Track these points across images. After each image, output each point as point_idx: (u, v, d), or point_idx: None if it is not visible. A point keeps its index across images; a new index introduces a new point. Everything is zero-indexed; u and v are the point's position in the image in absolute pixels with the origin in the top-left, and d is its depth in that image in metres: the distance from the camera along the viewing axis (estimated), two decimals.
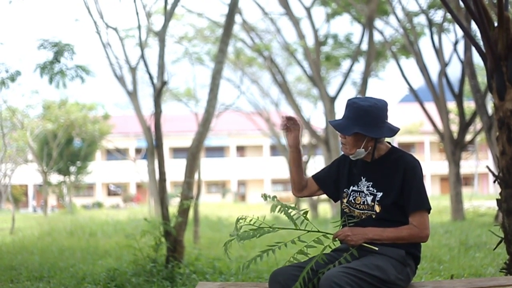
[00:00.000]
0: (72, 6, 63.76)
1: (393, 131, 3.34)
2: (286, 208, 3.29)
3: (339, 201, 3.58)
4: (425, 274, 6.92)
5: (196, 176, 9.60)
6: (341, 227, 3.43)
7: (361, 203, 3.39)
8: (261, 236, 3.26)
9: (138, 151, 45.21)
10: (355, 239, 3.28)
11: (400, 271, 3.24)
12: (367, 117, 3.28)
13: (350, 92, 47.76)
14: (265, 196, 3.40)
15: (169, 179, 8.69)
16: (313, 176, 3.68)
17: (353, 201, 3.43)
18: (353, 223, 3.38)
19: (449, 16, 18.45)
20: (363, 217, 3.37)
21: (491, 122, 15.77)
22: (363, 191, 3.40)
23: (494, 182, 5.06)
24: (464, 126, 19.40)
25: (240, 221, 3.25)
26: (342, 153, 3.51)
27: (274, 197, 3.38)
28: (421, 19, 21.40)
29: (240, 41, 24.62)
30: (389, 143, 3.49)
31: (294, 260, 3.33)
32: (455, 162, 19.31)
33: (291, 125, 3.57)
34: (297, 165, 3.64)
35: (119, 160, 45.28)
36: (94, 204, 44.21)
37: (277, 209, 3.29)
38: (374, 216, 3.34)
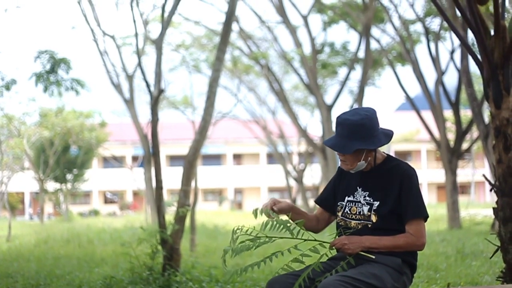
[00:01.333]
0: (69, 14, 63.75)
1: (389, 135, 3.36)
2: (280, 222, 3.24)
3: None
4: (422, 283, 6.92)
5: (192, 184, 9.60)
6: (337, 237, 3.42)
7: (357, 213, 3.38)
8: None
9: (134, 158, 45.08)
10: (352, 247, 3.27)
11: (396, 279, 3.24)
12: (362, 131, 3.28)
13: (346, 100, 47.87)
14: (255, 213, 3.26)
15: (166, 187, 8.70)
16: (317, 202, 3.63)
17: (348, 211, 3.42)
18: (349, 233, 3.37)
19: (445, 24, 18.51)
20: (359, 227, 3.37)
21: (487, 131, 15.78)
22: (359, 201, 3.40)
23: (491, 190, 5.07)
24: (461, 134, 19.42)
25: (237, 231, 3.22)
26: (339, 162, 3.49)
27: (267, 211, 3.30)
28: (418, 27, 21.48)
29: (237, 49, 24.65)
30: (385, 152, 3.49)
31: (289, 268, 3.32)
32: (451, 171, 19.32)
33: (274, 213, 3.31)
34: (300, 218, 3.40)
35: (116, 167, 45.21)
36: (90, 211, 44.05)
37: (269, 226, 3.22)
38: (370, 226, 3.34)
